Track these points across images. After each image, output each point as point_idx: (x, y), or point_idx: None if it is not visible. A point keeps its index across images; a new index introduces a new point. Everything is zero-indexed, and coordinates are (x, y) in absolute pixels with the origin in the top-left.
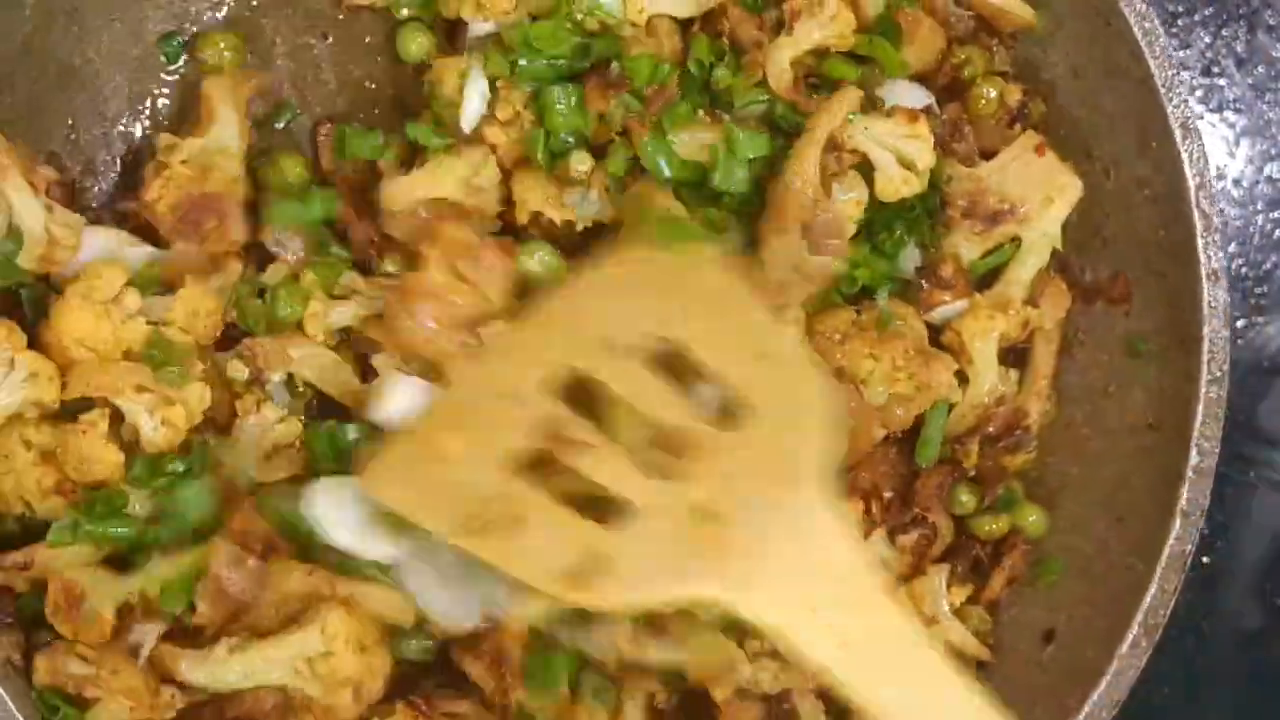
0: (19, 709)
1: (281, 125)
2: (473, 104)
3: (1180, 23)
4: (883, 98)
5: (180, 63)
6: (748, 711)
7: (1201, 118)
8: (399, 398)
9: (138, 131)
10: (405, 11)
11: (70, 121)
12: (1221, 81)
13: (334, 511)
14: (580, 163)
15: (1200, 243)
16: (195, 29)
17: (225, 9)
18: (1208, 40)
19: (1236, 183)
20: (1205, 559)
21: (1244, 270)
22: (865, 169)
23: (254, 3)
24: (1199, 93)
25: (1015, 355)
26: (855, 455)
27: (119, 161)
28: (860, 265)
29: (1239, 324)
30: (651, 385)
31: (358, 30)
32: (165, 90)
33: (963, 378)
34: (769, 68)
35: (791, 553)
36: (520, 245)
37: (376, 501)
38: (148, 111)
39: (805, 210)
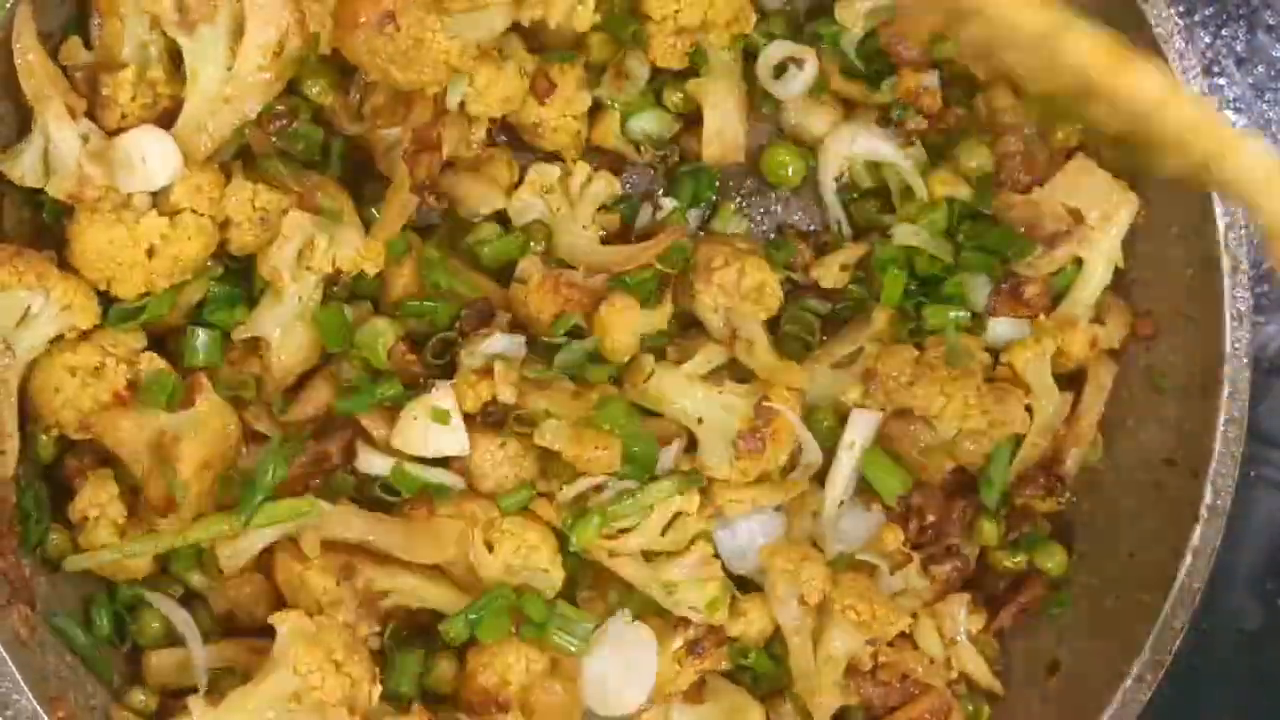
0: (25, 680)
1: None
2: None
3: (1180, 23)
4: None
5: None
6: None
7: None
8: None
9: None
10: None
11: None
12: (1221, 81)
13: None
14: None
15: (1228, 283)
16: None
17: None
18: (1208, 40)
19: None
20: None
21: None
22: None
23: None
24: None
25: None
26: (923, 487)
27: None
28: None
29: None
30: None
31: None
32: None
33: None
34: None
35: None
36: None
37: None
38: None
39: None
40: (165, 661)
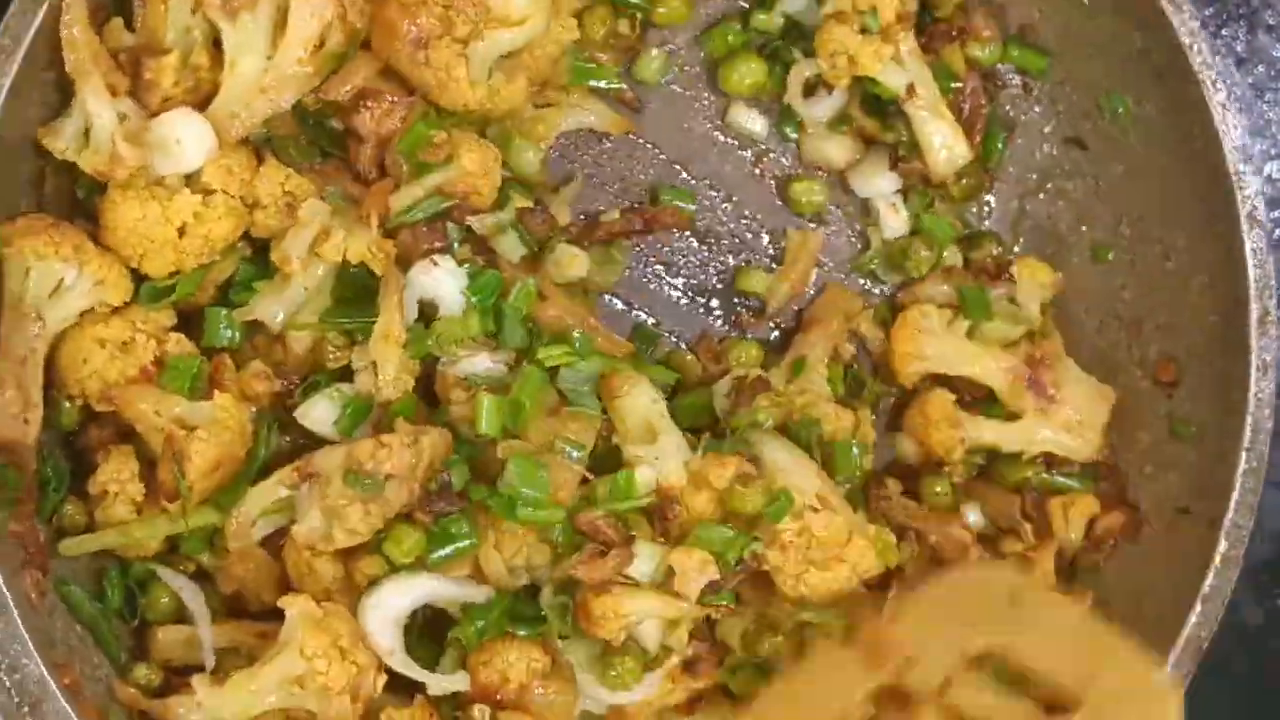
0: (34, 644)
1: None
2: None
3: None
4: None
5: None
6: None
7: None
8: None
9: None
10: None
11: None
12: None
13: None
14: None
15: (1254, 333)
16: None
17: None
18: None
19: None
20: None
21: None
22: None
23: None
24: None
25: None
26: None
27: None
28: None
29: None
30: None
31: None
32: None
33: None
34: None
35: None
36: None
37: None
38: None
39: None
40: (172, 637)
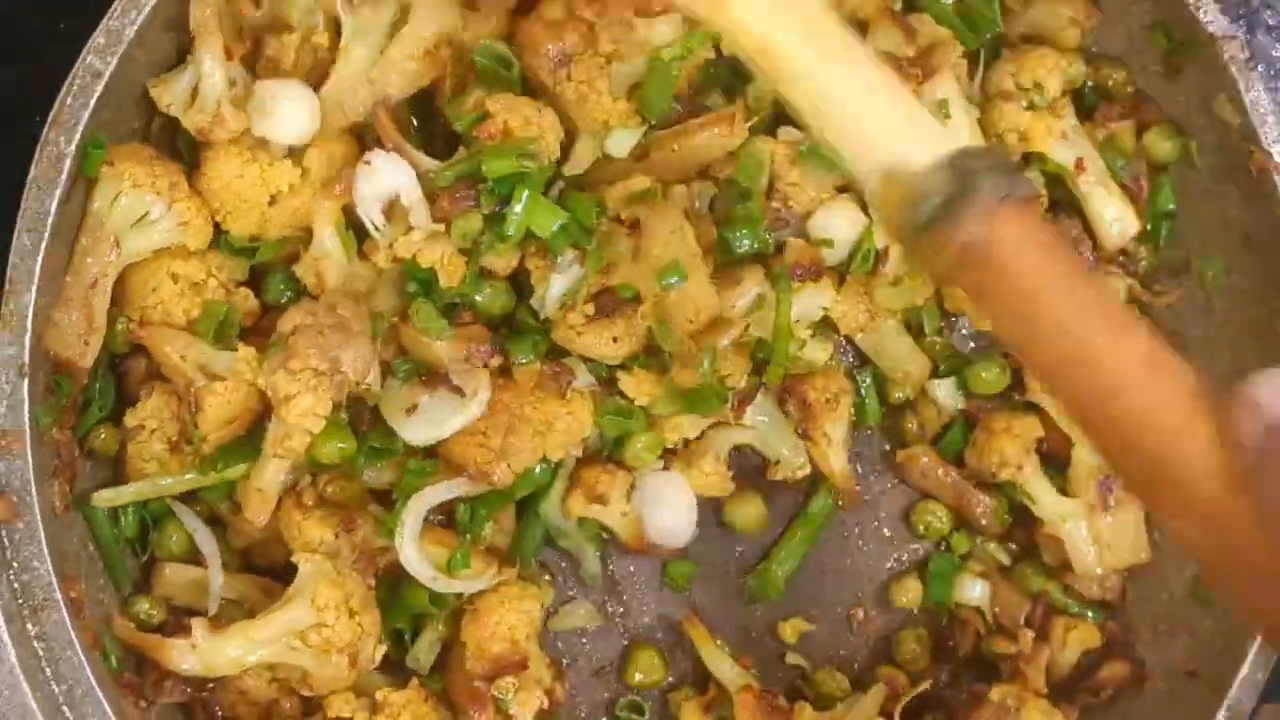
0: (50, 551)
1: None
2: None
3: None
4: None
5: None
6: None
7: None
8: None
9: None
10: None
11: None
12: None
13: None
14: None
15: None
16: None
17: None
18: None
19: None
20: None
21: None
22: None
23: None
24: None
25: None
26: None
27: None
28: None
29: None
30: None
31: None
32: None
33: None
34: None
35: None
36: None
37: None
38: None
39: None
40: (178, 576)
